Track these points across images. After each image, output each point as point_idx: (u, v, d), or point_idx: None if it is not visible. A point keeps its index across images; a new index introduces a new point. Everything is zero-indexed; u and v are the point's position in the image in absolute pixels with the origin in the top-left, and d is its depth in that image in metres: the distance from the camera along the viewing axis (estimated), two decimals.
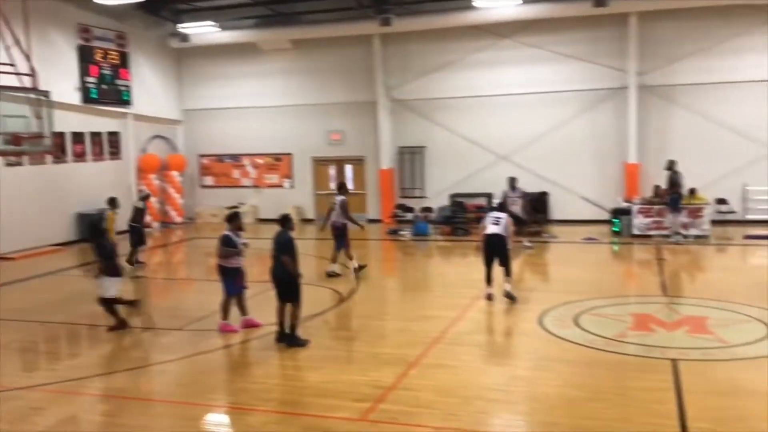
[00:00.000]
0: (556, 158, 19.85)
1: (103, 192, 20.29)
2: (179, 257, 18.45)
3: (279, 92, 22.65)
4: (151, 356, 9.37)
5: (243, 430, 6.77)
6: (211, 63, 23.18)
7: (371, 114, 21.60)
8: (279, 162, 23.11)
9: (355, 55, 21.76)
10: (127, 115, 21.31)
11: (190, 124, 23.87)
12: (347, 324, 10.21)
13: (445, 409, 6.82)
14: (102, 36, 20.33)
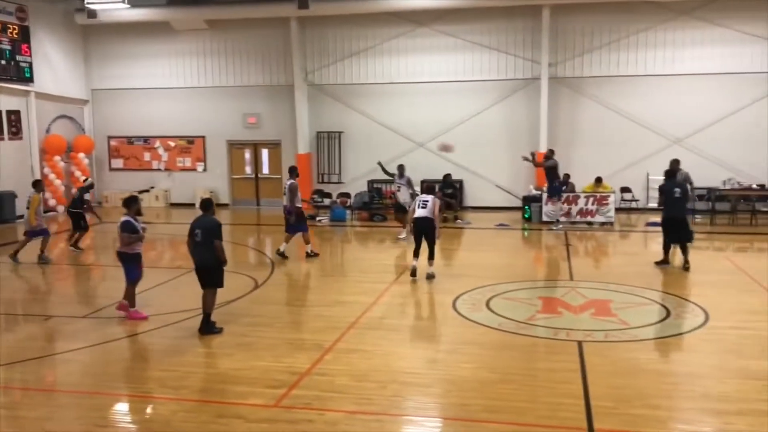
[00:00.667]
0: (471, 146, 20.22)
1: (2, 174, 19.32)
2: (86, 243, 17.69)
3: (193, 73, 22.07)
4: (55, 345, 8.97)
5: (152, 419, 6.58)
6: (121, 41, 22.29)
7: (288, 97, 21.36)
8: (192, 145, 22.52)
9: (272, 38, 21.43)
10: (29, 92, 20.24)
11: (98, 105, 22.92)
12: (262, 311, 10.08)
13: (360, 394, 6.85)
14: (1, 8, 19.18)
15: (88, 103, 22.84)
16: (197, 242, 8.81)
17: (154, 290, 11.57)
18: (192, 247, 8.91)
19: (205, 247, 8.78)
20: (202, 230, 8.80)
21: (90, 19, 20.92)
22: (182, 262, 13.24)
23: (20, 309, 10.84)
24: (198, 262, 8.92)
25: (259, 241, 16.84)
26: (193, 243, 8.86)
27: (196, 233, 8.81)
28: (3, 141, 19.56)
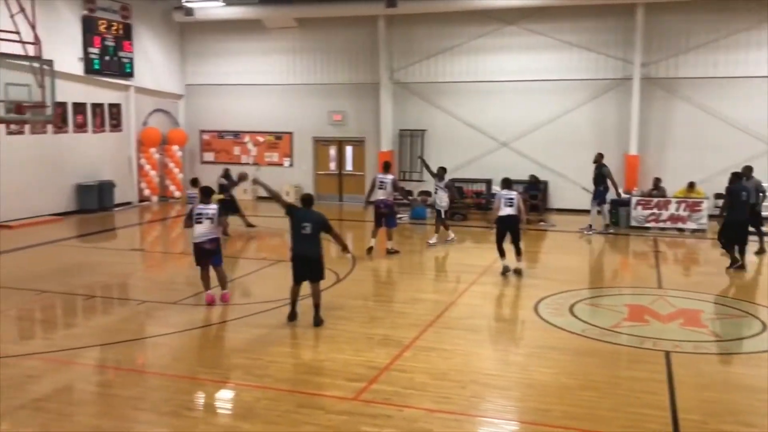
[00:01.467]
0: (557, 147, 19.84)
1: (103, 164, 20.38)
2: (177, 232, 18.43)
3: (282, 71, 22.57)
4: (146, 329, 9.41)
5: (236, 405, 6.81)
6: (215, 38, 23.05)
7: (373, 96, 21.54)
8: (279, 141, 23.06)
9: (359, 36, 21.65)
10: (129, 87, 21.23)
11: (192, 99, 23.78)
12: (342, 304, 10.23)
13: (438, 392, 6.86)
14: (106, 7, 20.21)
15: (182, 98, 23.74)
16: (305, 235, 8.91)
17: (240, 280, 11.94)
18: (298, 241, 8.97)
19: (314, 240, 8.96)
20: (312, 224, 8.94)
21: (187, 17, 21.78)
22: (267, 253, 13.63)
23: (116, 293, 11.41)
24: (306, 254, 8.99)
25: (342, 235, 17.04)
26: (301, 236, 8.93)
27: (304, 226, 8.91)
28: (105, 133, 20.60)
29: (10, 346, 8.53)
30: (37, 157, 18.17)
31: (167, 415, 6.45)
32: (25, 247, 14.62)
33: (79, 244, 15.59)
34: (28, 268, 12.77)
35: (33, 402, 6.74)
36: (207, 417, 6.51)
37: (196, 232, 10.02)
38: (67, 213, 18.98)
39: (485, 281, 11.79)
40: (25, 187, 17.68)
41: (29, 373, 7.52)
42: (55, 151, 18.75)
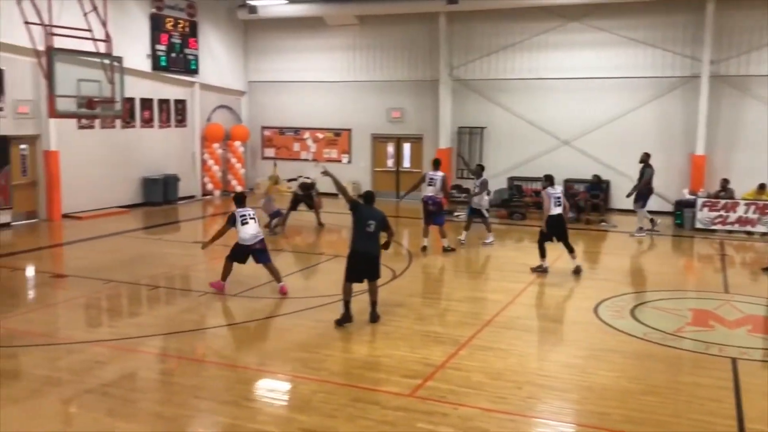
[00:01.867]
0: (619, 146, 19.39)
1: (168, 158, 20.95)
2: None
3: (342, 68, 22.73)
4: (207, 320, 9.63)
5: (293, 397, 6.90)
6: (277, 36, 23.38)
7: (432, 92, 21.49)
8: (338, 137, 23.24)
9: (419, 33, 21.63)
10: (194, 84, 21.75)
11: (254, 96, 24.20)
12: (399, 301, 10.26)
13: (494, 392, 6.82)
14: (173, 5, 20.74)
15: (245, 95, 24.19)
16: (369, 233, 8.87)
17: (297, 274, 12.11)
18: (361, 238, 8.90)
19: (376, 238, 8.95)
20: (376, 222, 8.91)
21: (251, 14, 22.18)
22: (325, 248, 13.76)
23: (178, 284, 11.71)
24: (369, 251, 8.95)
25: (397, 232, 17.08)
26: (365, 234, 8.86)
27: (369, 224, 8.88)
28: (170, 128, 21.17)
29: (79, 333, 8.88)
30: (106, 151, 18.81)
31: (227, 404, 6.59)
32: (93, 238, 15.16)
33: (145, 236, 16.07)
34: (95, 258, 13.23)
35: (99, 387, 6.98)
36: (265, 408, 6.63)
37: (246, 234, 10.38)
38: (134, 205, 19.59)
39: (544, 281, 11.64)
40: (94, 180, 18.34)
41: (96, 359, 7.80)
42: (122, 145, 19.37)
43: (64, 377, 7.32)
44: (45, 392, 6.85)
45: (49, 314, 9.83)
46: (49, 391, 6.88)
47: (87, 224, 16.95)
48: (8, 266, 12.58)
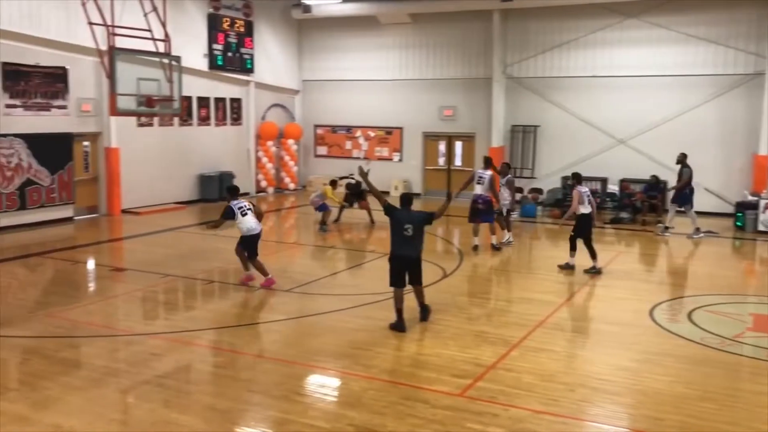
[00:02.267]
0: (677, 145, 18.78)
1: (223, 156, 21.35)
2: (290, 222, 19.06)
3: (395, 66, 22.77)
4: (260, 315, 9.79)
5: (343, 393, 6.96)
6: (330, 35, 23.56)
7: (485, 91, 21.33)
8: (389, 135, 23.29)
9: (473, 31, 21.50)
10: (249, 82, 22.10)
11: (308, 95, 24.44)
12: (449, 300, 10.23)
13: (546, 394, 6.74)
14: (230, 5, 21.12)
15: (299, 93, 24.47)
16: (408, 237, 8.66)
17: (348, 272, 12.19)
18: (400, 242, 8.72)
19: (416, 241, 8.74)
20: (413, 225, 8.69)
21: (305, 13, 22.42)
22: (375, 246, 13.82)
23: (232, 279, 11.91)
24: (409, 254, 8.76)
25: (448, 231, 17.05)
26: (403, 238, 8.67)
27: (407, 228, 8.67)
28: (226, 126, 21.58)
29: (137, 325, 9.14)
30: (164, 148, 19.29)
31: (278, 399, 6.69)
32: (151, 233, 15.56)
33: (200, 231, 16.39)
34: (153, 252, 13.57)
35: (155, 378, 7.17)
36: (315, 403, 6.70)
37: (250, 223, 10.66)
38: (190, 202, 20.03)
39: (598, 282, 11.45)
40: (153, 177, 18.83)
41: (153, 351, 8.01)
42: (180, 142, 19.82)
43: (122, 368, 7.54)
44: (104, 382, 7.07)
45: (108, 306, 10.14)
46: (108, 381, 7.10)
47: (145, 219, 17.41)
48: (70, 259, 13.04)
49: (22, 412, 6.30)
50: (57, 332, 8.61)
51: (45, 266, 12.65)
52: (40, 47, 15.79)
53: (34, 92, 15.86)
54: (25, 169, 15.70)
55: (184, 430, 6.00)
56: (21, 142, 15.53)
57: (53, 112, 16.33)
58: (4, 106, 15.23)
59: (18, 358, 7.76)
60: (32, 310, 9.59)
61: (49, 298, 10.39)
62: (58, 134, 16.38)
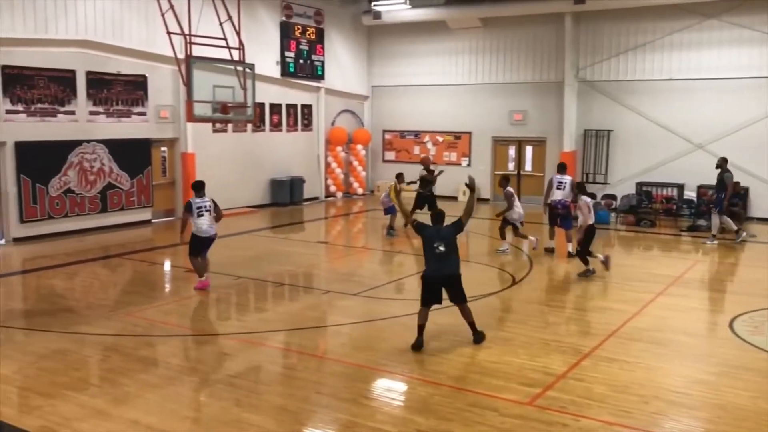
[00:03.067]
0: (760, 150, 18.09)
1: (294, 161, 21.73)
2: (358, 227, 19.22)
3: (464, 71, 22.69)
4: (328, 317, 9.90)
5: (410, 398, 6.95)
6: (399, 40, 23.67)
7: (556, 94, 20.99)
8: (458, 140, 23.19)
9: (544, 34, 21.21)
10: (319, 89, 22.42)
11: (377, 100, 24.62)
12: (518, 307, 10.10)
13: (619, 405, 6.55)
14: (302, 13, 21.50)
15: (368, 99, 24.67)
16: (441, 254, 8.15)
17: (415, 277, 12.16)
18: (433, 260, 8.20)
19: (450, 257, 8.22)
20: (445, 242, 8.19)
21: (375, 20, 22.59)
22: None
23: (302, 282, 12.11)
24: (444, 272, 8.22)
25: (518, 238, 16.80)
26: (435, 256, 8.17)
27: (437, 246, 8.16)
28: (297, 132, 21.95)
29: (210, 326, 9.39)
30: (238, 154, 19.78)
31: (346, 401, 6.75)
32: (225, 236, 15.91)
33: (272, 235, 16.74)
34: (227, 254, 13.90)
35: (228, 377, 7.35)
36: (383, 407, 6.72)
37: (202, 225, 10.96)
38: (262, 206, 20.46)
39: (674, 292, 11.06)
40: (226, 181, 19.30)
41: (225, 351, 8.22)
42: (253, 148, 20.29)
43: (196, 367, 7.76)
44: (179, 380, 7.30)
45: (183, 307, 10.46)
46: (182, 379, 7.32)
47: (219, 223, 17.80)
48: (148, 261, 13.52)
49: (102, 407, 6.57)
50: (135, 331, 8.94)
51: (124, 267, 13.16)
52: (122, 56, 16.48)
53: (116, 100, 16.55)
54: (107, 174, 16.39)
55: (255, 430, 6.12)
56: (103, 148, 16.23)
57: (133, 118, 16.99)
58: (87, 113, 15.95)
59: (99, 355, 8.10)
60: (112, 309, 9.99)
61: (127, 298, 10.79)
62: (137, 140, 17.04)
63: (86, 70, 15.81)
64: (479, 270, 11.53)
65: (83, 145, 15.84)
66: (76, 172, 15.73)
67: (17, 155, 14.67)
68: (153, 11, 14.96)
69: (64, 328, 9.00)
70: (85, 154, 15.91)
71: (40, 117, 15.03)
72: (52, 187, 15.28)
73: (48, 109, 15.18)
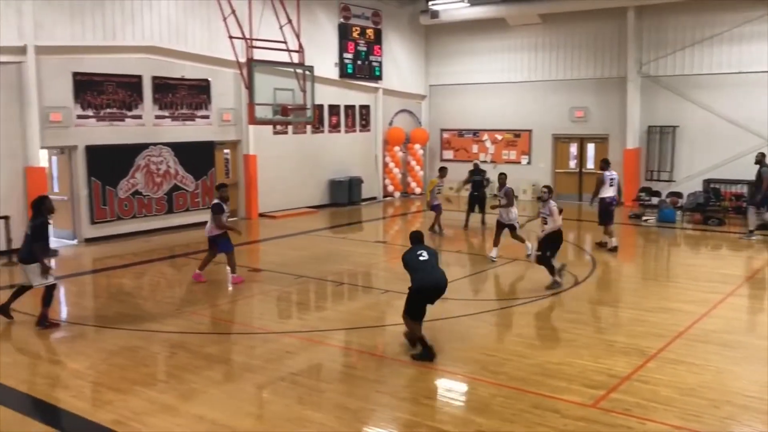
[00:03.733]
0: None
1: (352, 161, 21.89)
2: (416, 226, 19.19)
3: (523, 68, 22.43)
4: (387, 317, 9.92)
5: (471, 399, 6.92)
6: (457, 39, 23.56)
7: (619, 90, 20.54)
8: (518, 138, 22.93)
9: (605, 29, 20.77)
10: (377, 89, 22.51)
11: (434, 99, 24.57)
12: (581, 308, 9.91)
13: (687, 409, 6.37)
14: (360, 14, 21.63)
15: (425, 98, 24.64)
16: (425, 261, 7.99)
17: (473, 277, 12.10)
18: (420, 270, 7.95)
19: (437, 267, 8.05)
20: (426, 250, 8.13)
21: (432, 19, 22.55)
22: (503, 252, 13.65)
23: (361, 281, 12.18)
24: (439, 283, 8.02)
25: (579, 237, 16.53)
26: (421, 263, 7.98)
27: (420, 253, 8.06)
28: (355, 132, 22.11)
29: (272, 324, 9.55)
30: (297, 155, 20.05)
31: (406, 401, 6.76)
32: (285, 236, 16.21)
33: (331, 235, 16.90)
34: (287, 254, 14.13)
35: (290, 375, 7.46)
36: (443, 407, 6.71)
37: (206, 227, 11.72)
38: (321, 206, 20.69)
39: (744, 293, 10.68)
40: (287, 182, 19.64)
41: (287, 349, 8.35)
42: (312, 149, 20.53)
43: (258, 364, 7.90)
44: (242, 377, 7.45)
45: (246, 305, 10.67)
46: (245, 377, 7.47)
47: (280, 223, 18.16)
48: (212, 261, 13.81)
49: (170, 402, 6.76)
50: (200, 328, 9.17)
51: (189, 266, 13.48)
52: (186, 61, 16.91)
53: (180, 103, 17.00)
54: (173, 176, 16.85)
55: (317, 427, 6.20)
56: (169, 151, 16.70)
57: (197, 121, 17.43)
58: (153, 117, 16.43)
59: (166, 352, 8.34)
60: (178, 307, 10.27)
61: (193, 297, 11.07)
62: (201, 142, 17.47)
63: (152, 75, 16.29)
64: (541, 271, 11.34)
65: (150, 148, 16.33)
66: (144, 174, 16.23)
67: (88, 159, 15.23)
68: (215, 16, 15.31)
69: (133, 325, 9.31)
70: (152, 156, 16.40)
71: (109, 121, 15.57)
72: (120, 189, 15.82)
73: (116, 113, 15.71)
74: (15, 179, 14.06)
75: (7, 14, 13.71)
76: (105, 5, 15.22)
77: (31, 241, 8.98)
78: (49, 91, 14.46)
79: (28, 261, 9.03)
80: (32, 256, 8.98)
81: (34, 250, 8.95)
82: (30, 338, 8.85)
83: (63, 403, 6.78)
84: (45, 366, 8.04)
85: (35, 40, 14.03)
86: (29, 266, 9.03)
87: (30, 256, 9.00)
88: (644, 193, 19.28)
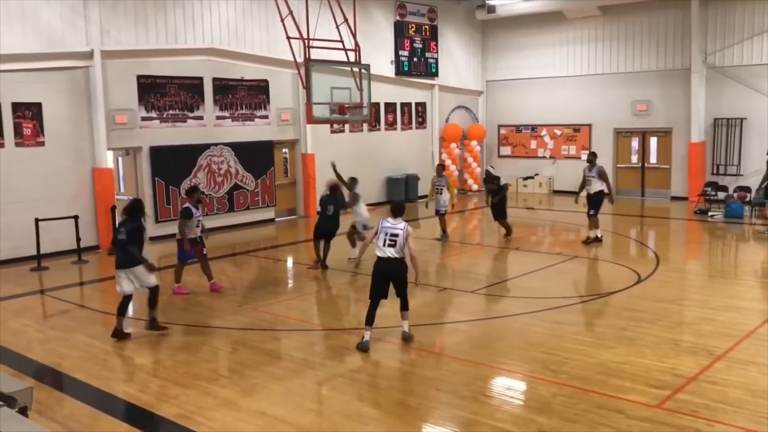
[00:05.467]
0: None
1: (408, 159, 21.88)
2: (474, 224, 19.08)
3: (582, 61, 22.03)
4: (446, 315, 9.90)
5: (531, 397, 6.83)
6: (514, 33, 23.29)
7: (683, 82, 19.94)
8: (577, 133, 22.51)
9: (668, 19, 20.21)
10: (433, 86, 22.45)
11: (491, 95, 24.35)
12: (644, 306, 9.66)
13: (758, 411, 6.14)
14: (415, 11, 21.61)
15: (482, 94, 24.44)
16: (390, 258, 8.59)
17: (534, 274, 11.95)
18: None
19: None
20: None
21: (489, 14, 22.34)
22: (561, 248, 13.44)
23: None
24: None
25: (642, 233, 16.13)
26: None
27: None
28: (411, 130, 22.11)
29: (331, 320, 9.64)
30: (354, 153, 20.14)
31: (466, 399, 6.73)
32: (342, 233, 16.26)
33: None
34: (345, 251, 14.21)
35: (349, 372, 7.52)
36: (503, 405, 6.64)
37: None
38: (378, 203, 20.75)
39: None
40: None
41: (346, 346, 8.41)
42: (369, 147, 20.62)
43: (318, 360, 7.99)
44: (303, 373, 7.54)
45: (305, 302, 10.80)
46: (306, 373, 7.56)
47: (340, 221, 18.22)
48: (272, 257, 14.06)
49: (231, 397, 6.90)
50: (261, 325, 9.33)
51: (250, 264, 13.76)
52: (245, 62, 17.22)
53: (240, 104, 17.33)
54: (233, 175, 17.19)
55: (376, 425, 6.22)
56: (229, 150, 17.04)
57: (256, 121, 17.72)
58: (214, 117, 16.79)
59: (228, 348, 8.51)
60: (240, 303, 10.47)
61: (253, 293, 11.27)
62: (260, 142, 17.77)
63: (212, 76, 16.65)
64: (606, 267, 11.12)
65: (211, 149, 16.70)
66: (205, 174, 16.61)
67: (152, 159, 15.68)
68: (273, 17, 15.54)
69: (196, 321, 9.54)
70: (213, 156, 16.76)
71: (171, 123, 15.98)
72: (183, 188, 16.22)
73: (179, 115, 16.11)
74: (84, 180, 14.60)
75: (75, 21, 14.23)
76: (167, 9, 15.64)
77: (128, 243, 8.72)
78: (115, 94, 14.95)
79: (130, 265, 8.76)
80: (132, 260, 8.75)
81: (132, 251, 8.74)
82: (98, 333, 9.15)
83: (130, 397, 7.00)
84: (114, 361, 8.31)
85: (101, 45, 14.53)
86: (134, 269, 8.76)
87: (130, 261, 8.76)
88: (710, 188, 18.68)
